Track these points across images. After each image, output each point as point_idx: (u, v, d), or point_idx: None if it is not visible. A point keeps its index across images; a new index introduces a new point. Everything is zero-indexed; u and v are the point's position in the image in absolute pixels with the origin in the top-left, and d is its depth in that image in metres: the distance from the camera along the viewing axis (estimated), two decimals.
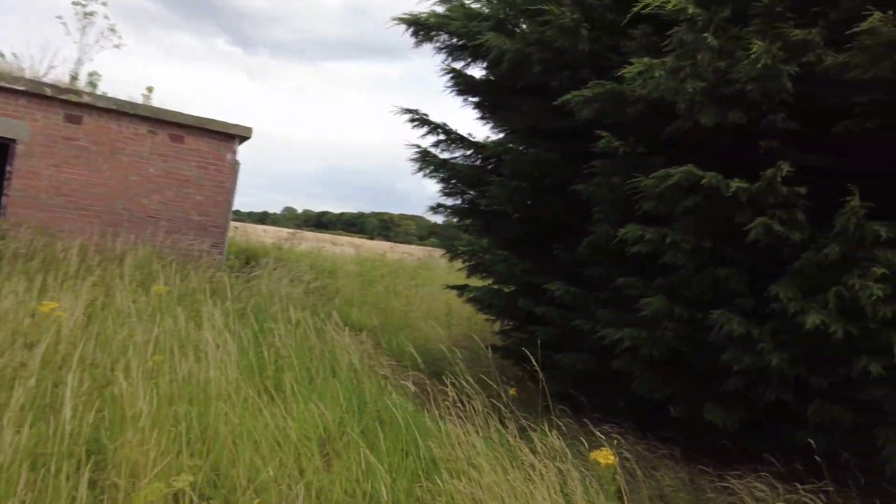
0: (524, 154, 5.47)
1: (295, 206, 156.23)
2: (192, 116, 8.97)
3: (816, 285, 3.54)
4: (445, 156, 7.09)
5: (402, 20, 6.53)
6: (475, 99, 7.27)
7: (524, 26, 5.00)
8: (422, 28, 6.50)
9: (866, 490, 3.68)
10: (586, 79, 4.95)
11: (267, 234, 17.55)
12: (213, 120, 9.12)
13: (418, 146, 6.75)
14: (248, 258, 11.73)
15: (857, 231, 3.18)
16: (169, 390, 3.26)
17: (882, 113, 3.24)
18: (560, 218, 5.78)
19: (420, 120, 7.05)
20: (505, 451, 3.19)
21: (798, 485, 3.60)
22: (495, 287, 6.14)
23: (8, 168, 8.09)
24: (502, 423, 3.64)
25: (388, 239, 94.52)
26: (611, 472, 2.80)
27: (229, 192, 9.44)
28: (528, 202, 5.71)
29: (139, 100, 9.23)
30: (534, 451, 3.05)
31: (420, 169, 6.86)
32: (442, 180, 6.86)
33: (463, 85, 6.99)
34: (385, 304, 10.67)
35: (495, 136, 7.42)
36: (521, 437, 3.54)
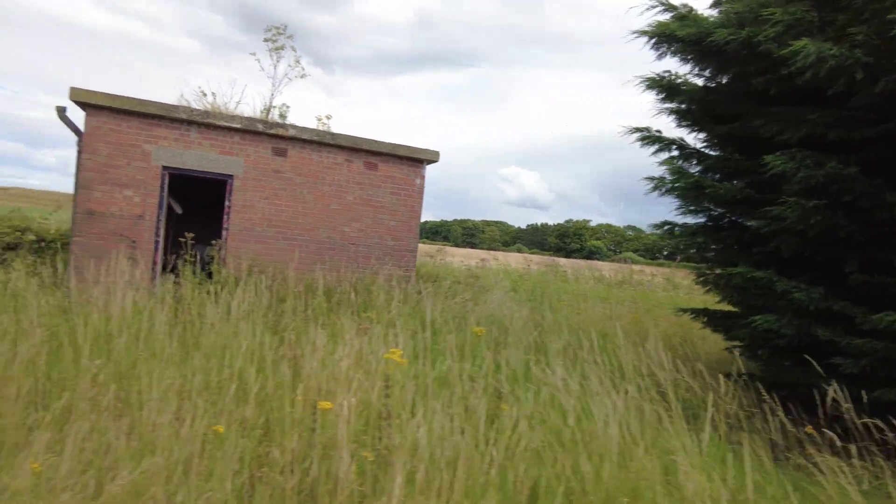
0: (816, 169, 4.97)
1: None
2: (386, 143, 9.05)
3: None
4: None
5: (644, 32, 6.23)
6: (678, 106, 6.94)
7: (852, 28, 4.52)
8: (666, 39, 6.16)
9: None
10: None
11: None
12: (404, 146, 9.17)
13: (676, 166, 6.41)
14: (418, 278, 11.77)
15: None
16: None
17: None
18: (854, 237, 5.24)
19: (651, 138, 6.71)
20: None
21: None
22: (779, 317, 5.61)
23: (227, 203, 8.44)
24: None
25: (473, 246, 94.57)
26: None
27: (418, 215, 9.46)
28: (817, 220, 5.19)
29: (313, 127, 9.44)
30: None
31: (657, 187, 6.50)
32: (685, 198, 6.47)
33: (670, 92, 6.70)
34: (564, 320, 10.33)
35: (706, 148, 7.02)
36: None
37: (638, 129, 6.75)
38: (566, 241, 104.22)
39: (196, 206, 11.22)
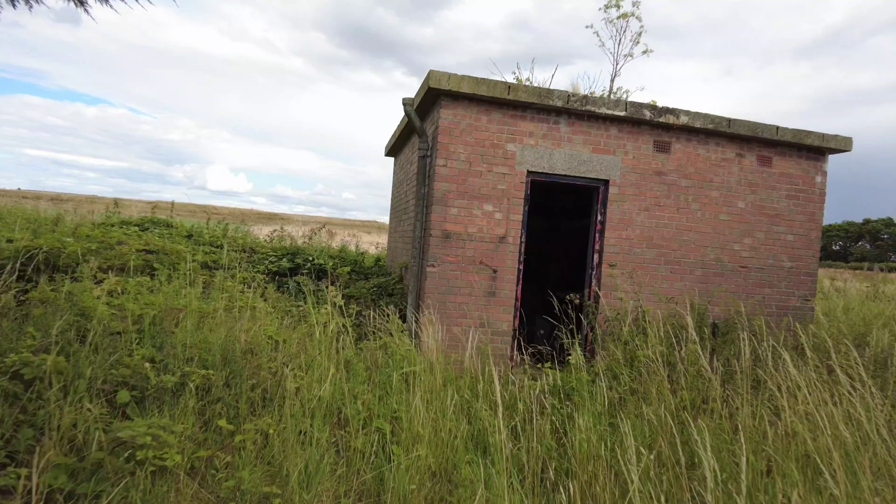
0: None
1: None
2: (788, 130, 6.68)
3: None
4: None
5: None
6: None
7: None
8: None
9: None
10: None
11: None
12: (811, 132, 6.77)
13: None
14: None
15: None
16: None
17: None
18: None
19: None
20: None
21: None
22: None
23: (598, 217, 6.37)
24: None
25: None
26: None
27: (819, 226, 7.04)
28: None
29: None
30: None
31: None
32: None
33: None
34: None
35: None
36: None
37: None
38: None
39: None
